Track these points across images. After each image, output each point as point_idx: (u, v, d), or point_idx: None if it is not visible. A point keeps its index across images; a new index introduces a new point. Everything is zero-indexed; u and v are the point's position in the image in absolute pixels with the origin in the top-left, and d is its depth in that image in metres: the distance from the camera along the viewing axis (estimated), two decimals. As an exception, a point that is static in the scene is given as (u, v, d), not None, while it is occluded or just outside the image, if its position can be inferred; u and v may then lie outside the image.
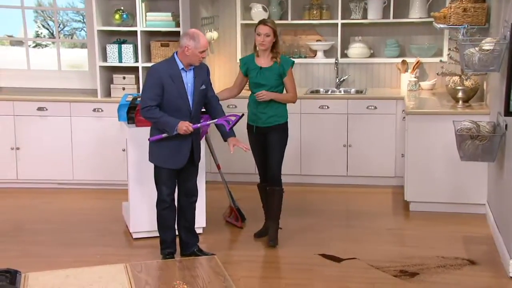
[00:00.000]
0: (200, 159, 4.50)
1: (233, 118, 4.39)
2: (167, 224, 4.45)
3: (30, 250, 4.67)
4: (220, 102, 4.70)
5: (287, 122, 4.74)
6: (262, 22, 4.65)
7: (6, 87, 6.53)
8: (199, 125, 4.29)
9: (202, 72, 4.36)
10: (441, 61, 6.19)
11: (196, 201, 4.55)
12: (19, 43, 7.16)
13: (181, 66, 4.25)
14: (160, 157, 4.32)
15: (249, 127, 4.75)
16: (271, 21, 4.71)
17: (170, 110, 4.23)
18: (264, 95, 4.60)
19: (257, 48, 4.70)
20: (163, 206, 4.39)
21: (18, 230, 5.12)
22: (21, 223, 5.28)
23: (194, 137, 4.36)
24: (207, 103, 4.46)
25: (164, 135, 4.24)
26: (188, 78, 4.28)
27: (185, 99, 4.26)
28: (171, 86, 4.21)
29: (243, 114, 4.44)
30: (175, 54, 4.29)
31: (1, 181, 6.20)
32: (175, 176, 4.39)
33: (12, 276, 3.88)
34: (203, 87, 4.35)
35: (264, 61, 4.66)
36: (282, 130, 4.71)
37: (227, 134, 4.43)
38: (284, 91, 4.72)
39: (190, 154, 4.35)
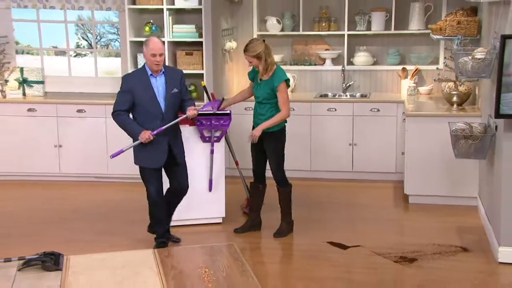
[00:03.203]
0: (183, 158, 4.41)
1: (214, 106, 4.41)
2: (158, 219, 4.42)
3: (71, 236, 4.71)
4: (236, 104, 4.71)
5: (281, 129, 4.60)
6: (244, 51, 4.49)
7: (51, 91, 6.58)
8: (155, 132, 4.16)
9: (175, 78, 4.29)
10: (437, 68, 6.15)
11: (184, 195, 4.50)
12: (62, 53, 7.21)
13: (149, 72, 4.22)
14: (141, 158, 4.28)
15: (253, 128, 4.71)
16: (252, 47, 4.43)
17: (143, 113, 4.20)
18: (253, 136, 4.51)
19: None
20: (151, 203, 4.37)
21: (61, 218, 5.16)
22: (64, 212, 5.32)
23: (172, 139, 4.30)
24: (182, 106, 4.41)
25: (125, 149, 4.22)
26: (158, 83, 4.23)
27: (156, 103, 4.21)
28: (141, 91, 4.17)
29: (223, 99, 4.38)
30: (145, 63, 4.26)
31: (46, 175, 6.25)
32: (159, 174, 4.34)
33: (56, 258, 3.91)
34: (175, 90, 4.28)
35: (263, 75, 4.55)
36: (276, 137, 4.58)
37: (186, 106, 4.35)
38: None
39: (170, 154, 4.29)
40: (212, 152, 4.76)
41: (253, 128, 4.65)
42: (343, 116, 6.13)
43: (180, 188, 4.46)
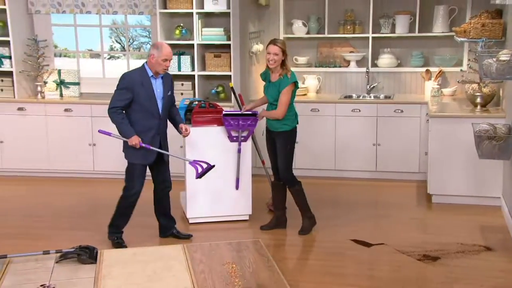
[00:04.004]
0: (168, 156, 4.46)
1: (204, 166, 4.38)
2: (129, 213, 4.43)
3: (105, 230, 4.75)
4: (264, 105, 4.73)
5: (292, 130, 4.56)
6: (273, 42, 4.46)
7: (86, 92, 6.68)
8: (145, 145, 4.22)
9: (168, 81, 4.37)
10: (461, 70, 6.06)
11: (170, 190, 4.54)
12: (96, 55, 7.32)
13: (150, 73, 4.25)
14: (133, 154, 4.29)
15: (266, 127, 4.70)
16: (282, 41, 4.49)
17: (141, 112, 4.23)
18: (260, 117, 4.66)
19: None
20: (133, 198, 4.36)
21: (95, 213, 5.22)
22: (97, 207, 5.39)
23: (162, 137, 4.37)
24: (170, 111, 4.46)
25: (112, 135, 4.32)
26: (157, 85, 4.27)
27: (154, 103, 4.25)
28: (141, 91, 4.19)
29: (213, 166, 4.42)
30: (145, 63, 4.28)
31: (81, 172, 6.36)
32: (145, 171, 4.38)
33: (90, 251, 3.99)
34: (169, 93, 4.36)
35: (273, 76, 4.54)
36: (285, 137, 4.54)
37: (179, 122, 4.44)
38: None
39: (159, 154, 4.34)
40: (239, 151, 4.77)
41: (267, 128, 4.67)
42: (367, 117, 6.09)
43: (166, 184, 4.51)
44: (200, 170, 4.38)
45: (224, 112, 4.72)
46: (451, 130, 5.21)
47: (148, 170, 4.45)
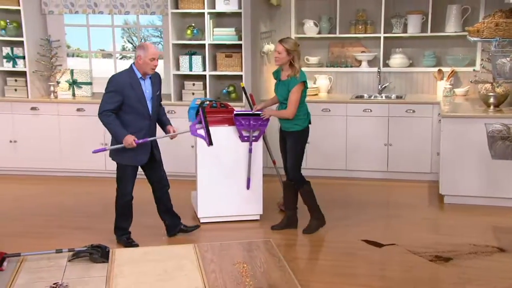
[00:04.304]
0: (160, 155, 4.46)
1: (203, 133, 4.38)
2: (129, 213, 4.44)
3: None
4: (275, 105, 4.71)
5: (303, 130, 4.53)
6: (280, 40, 4.47)
7: (98, 92, 6.69)
8: (141, 141, 4.22)
9: (157, 80, 4.36)
10: (474, 70, 6.00)
11: (168, 188, 4.54)
12: (108, 55, 7.36)
13: (139, 75, 4.23)
14: (125, 156, 4.27)
15: (280, 127, 4.68)
16: (290, 41, 4.44)
17: (131, 113, 4.21)
18: (264, 114, 4.63)
19: None
20: (126, 199, 4.36)
21: (107, 212, 5.23)
22: (109, 207, 5.38)
23: (149, 134, 4.36)
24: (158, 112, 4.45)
25: (108, 148, 4.29)
26: (146, 85, 4.26)
27: (144, 104, 4.24)
28: (131, 92, 4.18)
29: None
30: (132, 64, 4.27)
31: (93, 172, 6.38)
32: (136, 172, 4.37)
33: (102, 250, 4.00)
34: (158, 92, 4.36)
35: (283, 75, 4.53)
36: (295, 137, 4.53)
37: (165, 123, 4.46)
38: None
39: (151, 152, 4.34)
40: (250, 151, 4.76)
41: (280, 129, 4.64)
42: (378, 116, 6.05)
43: (162, 183, 4.51)
44: (205, 134, 4.32)
45: (235, 112, 4.72)
46: (464, 130, 5.16)
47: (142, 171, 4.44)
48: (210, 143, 4.39)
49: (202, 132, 4.34)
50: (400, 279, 3.82)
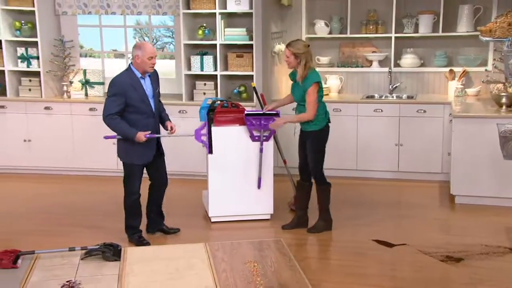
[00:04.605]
0: (163, 152, 4.50)
1: (205, 139, 4.36)
2: (138, 211, 4.46)
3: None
4: (285, 106, 4.70)
5: (321, 130, 4.50)
6: (287, 44, 4.47)
7: (110, 92, 6.74)
8: (148, 135, 4.25)
9: (155, 78, 4.39)
10: (486, 70, 5.95)
11: (166, 187, 4.58)
12: (121, 55, 7.38)
13: (138, 75, 4.25)
14: (132, 155, 4.29)
15: (300, 128, 4.68)
16: (297, 44, 4.40)
17: (136, 113, 4.23)
18: (274, 125, 4.55)
19: None
20: (134, 197, 4.38)
21: (119, 211, 5.24)
22: (121, 206, 5.39)
23: (157, 134, 4.40)
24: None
25: (117, 137, 4.31)
26: (146, 84, 4.29)
27: (147, 103, 4.27)
28: (133, 93, 4.19)
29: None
30: (130, 65, 4.28)
31: (104, 170, 6.41)
32: (143, 171, 4.40)
33: (114, 249, 4.01)
34: (157, 89, 4.39)
35: (297, 76, 4.50)
36: (314, 137, 4.51)
37: (165, 119, 4.47)
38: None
39: (156, 148, 4.39)
40: (261, 151, 4.76)
41: (300, 129, 4.63)
42: (389, 117, 6.02)
43: (162, 181, 4.56)
44: (207, 141, 4.34)
45: (246, 112, 4.72)
46: (475, 130, 5.12)
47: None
48: (210, 151, 4.41)
49: (205, 138, 4.36)
50: (411, 279, 3.80)
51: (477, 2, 6.04)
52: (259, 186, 4.81)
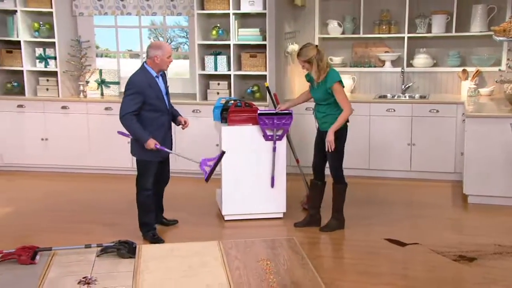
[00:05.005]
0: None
1: (211, 164, 4.34)
2: (151, 208, 4.48)
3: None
4: (298, 105, 4.67)
5: (341, 129, 4.45)
6: (297, 55, 4.49)
7: (125, 92, 6.77)
8: (159, 146, 4.26)
9: (164, 76, 4.48)
10: (499, 70, 5.88)
11: (166, 185, 4.69)
12: (136, 55, 7.41)
13: (154, 73, 4.31)
14: (151, 152, 4.30)
15: (317, 127, 4.66)
16: (305, 52, 4.40)
17: (152, 111, 4.28)
18: (329, 144, 4.39)
19: None
20: (147, 193, 4.41)
21: (134, 208, 5.27)
22: (135, 204, 5.45)
23: (170, 132, 4.48)
24: None
25: (130, 136, 4.38)
26: (160, 83, 4.36)
27: (162, 100, 4.35)
28: (150, 91, 4.25)
29: (223, 152, 4.39)
30: (144, 64, 4.33)
31: (120, 169, 6.45)
32: (157, 167, 4.44)
33: (129, 246, 4.03)
34: (168, 86, 4.49)
35: (315, 78, 4.49)
36: (335, 136, 4.46)
37: (176, 115, 4.56)
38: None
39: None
40: (274, 150, 4.75)
41: (318, 129, 4.62)
42: (402, 116, 5.98)
43: (167, 177, 4.65)
44: (207, 170, 4.36)
45: (259, 112, 4.71)
46: (488, 130, 5.06)
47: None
48: (207, 179, 4.42)
49: (207, 169, 4.37)
50: (423, 278, 3.77)
51: (491, 2, 5.98)
52: (272, 185, 4.80)
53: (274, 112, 4.75)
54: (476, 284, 3.66)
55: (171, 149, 4.46)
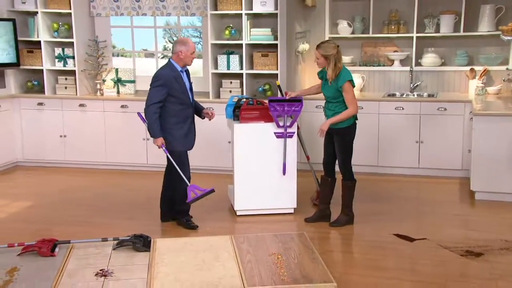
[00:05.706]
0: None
1: (199, 193, 4.37)
2: (186, 197, 4.49)
3: (157, 220, 4.83)
4: (307, 102, 4.64)
5: (349, 127, 4.45)
6: (317, 46, 4.43)
7: (141, 90, 6.79)
8: (165, 149, 4.42)
9: (189, 73, 4.55)
10: (507, 69, 5.82)
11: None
12: (151, 55, 7.43)
13: (179, 68, 4.39)
14: (180, 142, 4.43)
15: None
16: (326, 46, 4.36)
17: (178, 104, 4.38)
18: (320, 131, 4.43)
19: None
20: (185, 183, 4.45)
21: (148, 203, 5.31)
22: (151, 199, 5.47)
23: (194, 124, 4.56)
24: None
25: (146, 122, 4.42)
26: (185, 77, 4.44)
27: (186, 94, 4.43)
28: (176, 85, 4.35)
29: (212, 190, 4.41)
30: (170, 59, 4.41)
31: (135, 165, 6.48)
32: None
33: (144, 240, 4.05)
34: (191, 82, 4.55)
35: (328, 76, 4.47)
36: (342, 134, 4.46)
37: (201, 108, 4.65)
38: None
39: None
40: (284, 136, 4.69)
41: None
42: (410, 114, 5.94)
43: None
44: (193, 196, 4.38)
45: (269, 98, 4.70)
46: (496, 128, 5.01)
47: (165, 160, 4.60)
48: (188, 202, 4.44)
49: (193, 195, 4.39)
50: (431, 273, 3.74)
51: (498, 2, 5.91)
52: (284, 172, 4.76)
53: (284, 98, 4.72)
54: (484, 280, 3.63)
55: (194, 141, 4.56)
